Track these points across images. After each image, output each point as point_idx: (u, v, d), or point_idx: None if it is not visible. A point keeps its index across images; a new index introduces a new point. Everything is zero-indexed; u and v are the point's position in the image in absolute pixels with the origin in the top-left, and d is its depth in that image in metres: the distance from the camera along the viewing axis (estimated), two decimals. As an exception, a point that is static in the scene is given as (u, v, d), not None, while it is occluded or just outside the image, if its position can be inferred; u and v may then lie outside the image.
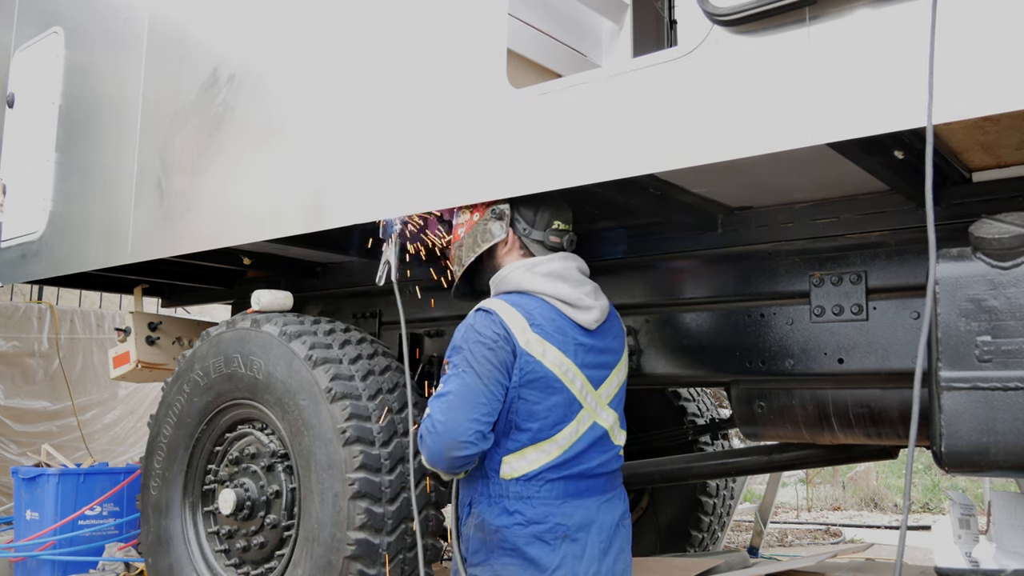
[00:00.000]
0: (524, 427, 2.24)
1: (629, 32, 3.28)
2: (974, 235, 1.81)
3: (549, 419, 2.24)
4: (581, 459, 2.29)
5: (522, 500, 2.23)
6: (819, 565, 4.26)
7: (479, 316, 2.27)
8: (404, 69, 2.56)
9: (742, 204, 2.75)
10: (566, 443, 2.27)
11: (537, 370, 2.22)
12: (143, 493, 3.30)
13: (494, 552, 2.24)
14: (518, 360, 2.21)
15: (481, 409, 2.16)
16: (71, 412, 7.28)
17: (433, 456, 2.20)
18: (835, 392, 2.71)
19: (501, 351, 2.20)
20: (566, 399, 2.26)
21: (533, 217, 2.42)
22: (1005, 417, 1.72)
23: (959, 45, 1.60)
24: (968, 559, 2.31)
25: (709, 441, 4.51)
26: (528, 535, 2.21)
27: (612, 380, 2.42)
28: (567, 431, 2.27)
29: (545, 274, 2.33)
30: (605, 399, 2.37)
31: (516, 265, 2.38)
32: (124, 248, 3.40)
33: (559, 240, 2.44)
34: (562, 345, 2.27)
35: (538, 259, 2.38)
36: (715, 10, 1.87)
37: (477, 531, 2.28)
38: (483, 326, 2.23)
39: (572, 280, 2.35)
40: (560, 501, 2.24)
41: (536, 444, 2.24)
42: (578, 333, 2.32)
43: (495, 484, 2.26)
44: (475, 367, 2.19)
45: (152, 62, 3.41)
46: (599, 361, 2.37)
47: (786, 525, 7.33)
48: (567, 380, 2.26)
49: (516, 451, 2.24)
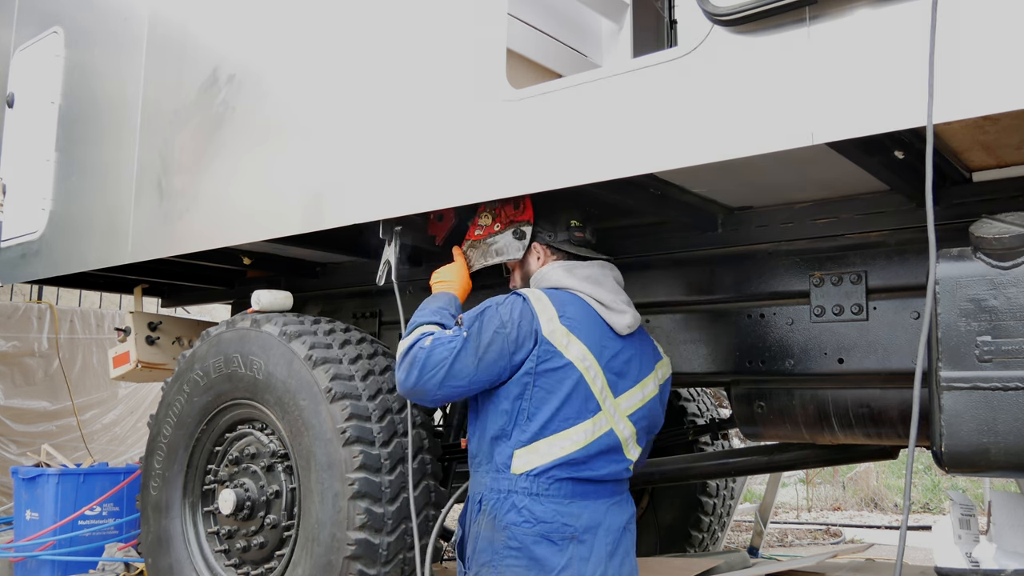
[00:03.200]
0: (535, 416, 2.24)
1: (629, 32, 3.28)
2: (974, 235, 1.81)
3: (563, 412, 2.24)
4: (592, 464, 2.27)
5: (531, 497, 2.22)
6: (819, 565, 4.26)
7: (511, 298, 2.32)
8: (404, 69, 2.56)
9: (742, 204, 2.75)
10: (580, 441, 2.25)
11: (556, 360, 2.24)
12: (143, 493, 3.30)
13: (499, 552, 2.23)
14: (537, 347, 2.24)
15: (459, 382, 2.25)
16: (71, 412, 7.27)
17: (401, 383, 2.32)
18: (835, 392, 2.71)
19: (510, 337, 2.24)
20: (583, 394, 2.26)
21: (550, 224, 2.52)
22: (1005, 417, 1.72)
23: (959, 45, 1.60)
24: (968, 559, 2.31)
25: (709, 441, 4.51)
26: (535, 534, 2.21)
27: (635, 393, 2.39)
28: (582, 429, 2.25)
29: (583, 277, 2.40)
30: (625, 410, 2.35)
31: (556, 265, 2.46)
32: (124, 248, 3.40)
33: (582, 235, 2.54)
34: (588, 341, 2.29)
35: (576, 263, 2.47)
36: (715, 10, 1.87)
37: (486, 529, 2.27)
38: (506, 308, 2.28)
39: (607, 286, 2.42)
40: (568, 500, 2.24)
41: (547, 437, 2.23)
42: (607, 335, 2.35)
43: (505, 479, 2.26)
44: (479, 344, 2.24)
45: (152, 62, 3.41)
46: (623, 369, 2.36)
47: (786, 525, 7.33)
48: (588, 376, 2.26)
49: (527, 444, 2.24)
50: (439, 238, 2.85)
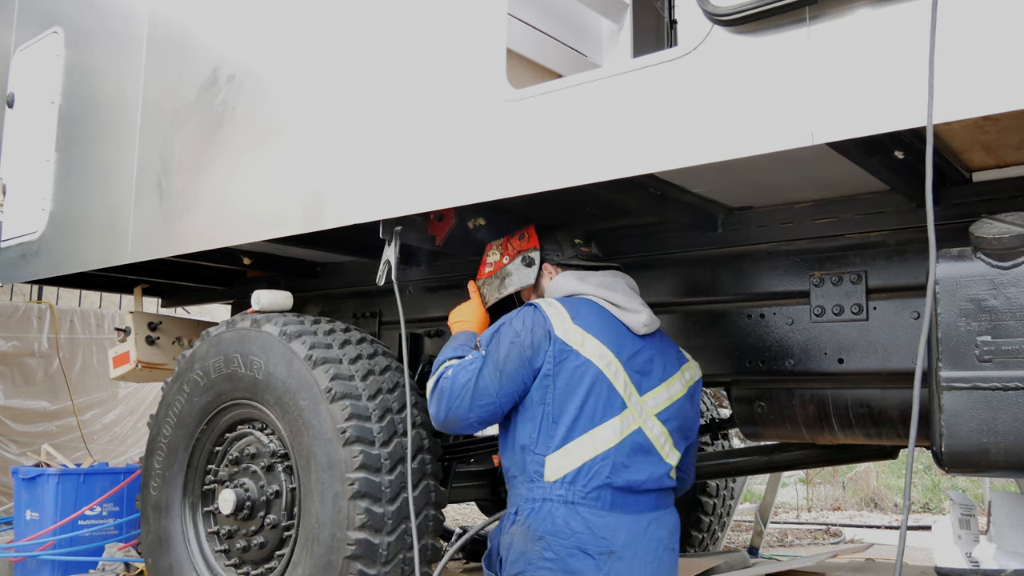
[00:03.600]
0: (560, 419, 2.21)
1: (629, 32, 3.28)
2: (974, 235, 1.81)
3: (587, 410, 2.21)
4: (628, 467, 2.22)
5: (567, 506, 2.18)
6: (819, 565, 4.26)
7: (524, 310, 2.35)
8: (404, 69, 2.56)
9: (742, 204, 2.75)
10: (611, 440, 2.21)
11: (573, 359, 2.24)
12: (143, 493, 3.30)
13: (533, 563, 2.17)
14: (552, 347, 2.25)
15: (487, 399, 2.27)
16: (71, 412, 7.27)
17: (434, 417, 2.36)
18: (835, 392, 2.71)
19: (525, 344, 2.25)
20: (606, 390, 2.23)
21: (556, 245, 2.59)
22: (1005, 417, 1.72)
23: (959, 45, 1.59)
24: (968, 559, 2.31)
25: (709, 441, 4.51)
26: (571, 546, 2.14)
27: (660, 392, 2.37)
28: (610, 427, 2.22)
29: (595, 283, 2.46)
30: (652, 409, 2.32)
31: (566, 274, 2.52)
32: (124, 248, 3.40)
33: (588, 250, 2.62)
34: (606, 339, 2.29)
35: (588, 272, 2.53)
36: (715, 10, 1.87)
37: (519, 540, 2.21)
38: (519, 319, 2.32)
39: (620, 289, 2.46)
40: (606, 512, 2.18)
41: (577, 439, 2.20)
42: (625, 334, 2.37)
43: (539, 487, 2.21)
44: (497, 358, 2.27)
45: (152, 62, 3.41)
46: (645, 367, 2.35)
47: (786, 525, 7.33)
48: (609, 373, 2.25)
49: (557, 448, 2.20)
50: (439, 238, 2.85)
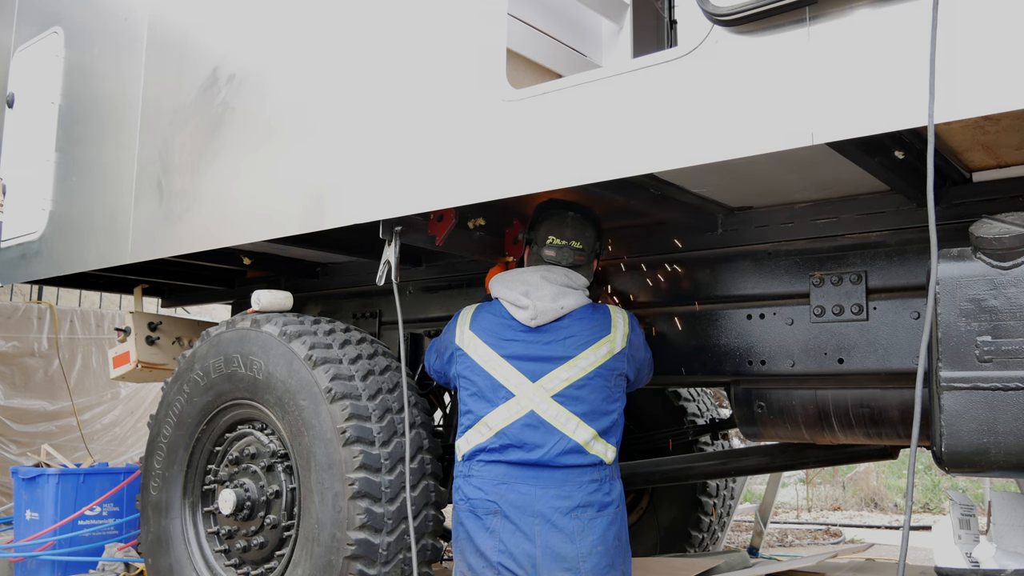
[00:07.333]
0: (465, 410, 2.57)
1: (629, 32, 3.28)
2: (974, 235, 1.81)
3: (480, 403, 2.54)
4: (519, 446, 2.46)
5: (464, 478, 2.53)
6: (819, 565, 4.27)
7: (455, 315, 2.75)
8: (404, 69, 2.56)
9: (742, 204, 2.75)
10: (497, 426, 2.49)
11: (465, 360, 2.60)
12: (143, 493, 3.30)
13: (454, 527, 2.54)
14: (455, 352, 2.64)
15: (430, 358, 2.85)
16: (71, 412, 7.27)
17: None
18: (835, 392, 2.71)
19: (441, 348, 2.73)
20: (491, 385, 2.53)
21: (535, 234, 2.73)
22: (1005, 417, 1.72)
23: (959, 45, 1.60)
24: (968, 559, 2.31)
25: (709, 441, 4.51)
26: (465, 510, 2.50)
27: (558, 374, 2.49)
28: (497, 415, 2.50)
29: (506, 282, 2.64)
30: (549, 391, 2.49)
31: (497, 278, 2.72)
32: (124, 248, 3.40)
33: (553, 254, 2.68)
34: (490, 340, 2.58)
35: (517, 271, 2.70)
36: (715, 10, 1.86)
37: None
38: (448, 324, 2.76)
39: (532, 284, 2.59)
40: (497, 482, 2.47)
41: (474, 426, 2.53)
42: (518, 330, 2.58)
43: (456, 465, 2.59)
44: (440, 347, 2.77)
45: (152, 62, 3.41)
46: (538, 355, 2.53)
47: (786, 525, 7.33)
48: (490, 369, 2.55)
49: (461, 436, 2.57)
50: (439, 238, 2.85)
